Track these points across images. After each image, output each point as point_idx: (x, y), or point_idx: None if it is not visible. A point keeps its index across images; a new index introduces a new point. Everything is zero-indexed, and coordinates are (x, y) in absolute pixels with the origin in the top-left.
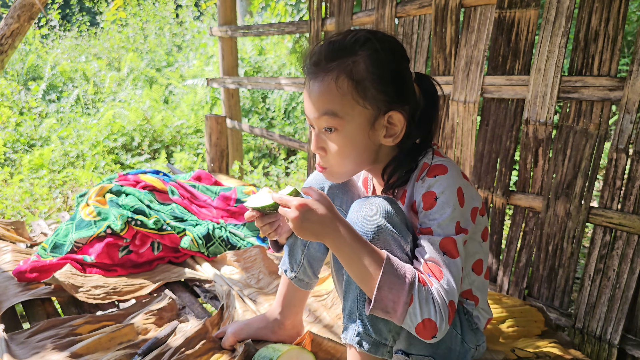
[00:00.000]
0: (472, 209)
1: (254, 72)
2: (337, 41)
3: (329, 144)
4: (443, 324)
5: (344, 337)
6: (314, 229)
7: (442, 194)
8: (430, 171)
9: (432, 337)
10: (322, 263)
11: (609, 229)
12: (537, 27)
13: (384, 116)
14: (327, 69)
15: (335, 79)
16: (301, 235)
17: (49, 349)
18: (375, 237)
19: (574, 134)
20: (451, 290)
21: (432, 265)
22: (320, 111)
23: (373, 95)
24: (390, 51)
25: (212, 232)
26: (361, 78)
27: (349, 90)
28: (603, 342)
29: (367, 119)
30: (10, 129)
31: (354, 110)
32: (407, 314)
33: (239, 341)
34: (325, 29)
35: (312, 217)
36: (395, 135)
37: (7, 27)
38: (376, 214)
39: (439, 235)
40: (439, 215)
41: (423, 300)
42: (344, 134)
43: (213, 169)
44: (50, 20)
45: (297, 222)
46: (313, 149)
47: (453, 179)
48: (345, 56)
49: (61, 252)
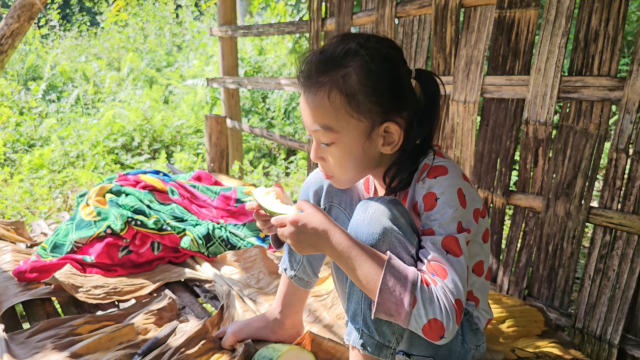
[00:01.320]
0: (474, 210)
1: (254, 72)
2: (328, 52)
3: (327, 155)
4: (450, 323)
5: (347, 338)
6: (311, 241)
7: (443, 195)
8: (431, 172)
9: (441, 338)
10: (322, 262)
11: (609, 229)
12: (537, 27)
13: (380, 127)
14: (318, 83)
15: (327, 94)
16: (299, 251)
17: (49, 349)
18: (381, 240)
19: (574, 134)
20: (457, 288)
21: (436, 265)
22: (315, 125)
23: (367, 108)
24: (383, 59)
25: (212, 232)
26: (353, 92)
27: (342, 104)
28: (603, 342)
29: (363, 131)
30: (10, 129)
31: (349, 124)
32: (412, 315)
33: (239, 341)
34: (325, 29)
35: (308, 230)
36: (393, 144)
37: (7, 27)
38: (382, 216)
39: (440, 234)
40: (439, 215)
41: (427, 300)
42: (341, 146)
43: (213, 169)
44: (50, 20)
45: (293, 238)
46: (313, 159)
47: (453, 179)
48: (336, 69)
49: (61, 252)
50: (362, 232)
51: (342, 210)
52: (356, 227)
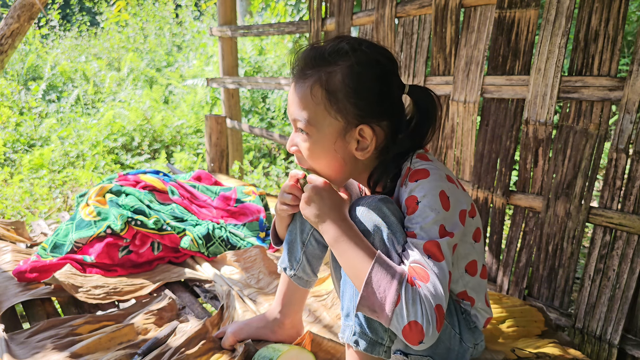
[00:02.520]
0: (460, 211)
1: (254, 72)
2: (320, 48)
3: (300, 144)
4: (430, 328)
5: (341, 336)
6: (322, 207)
7: (424, 198)
8: (412, 175)
9: (420, 343)
10: (321, 261)
11: (609, 229)
12: (537, 27)
13: (355, 129)
14: (305, 76)
15: (311, 87)
16: (306, 209)
17: (49, 349)
18: (371, 237)
19: (574, 134)
20: (438, 294)
21: (418, 268)
22: (295, 114)
23: (345, 108)
24: (371, 65)
25: (212, 232)
26: (335, 89)
27: (322, 99)
28: (603, 342)
29: (337, 130)
30: (10, 129)
31: (325, 120)
32: (394, 314)
33: (239, 341)
34: (325, 29)
35: (327, 196)
36: (365, 150)
37: (7, 27)
38: (372, 214)
39: (422, 238)
40: (421, 219)
41: (410, 300)
42: (313, 139)
43: (213, 169)
44: (50, 20)
45: (312, 194)
46: (288, 147)
47: (435, 182)
48: (323, 65)
49: (61, 252)
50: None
51: None
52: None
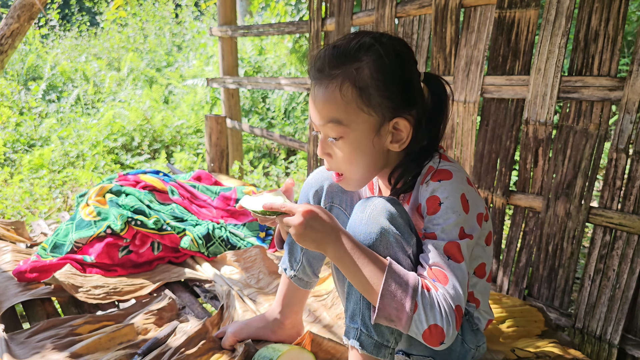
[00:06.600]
0: (478, 214)
1: (254, 72)
2: (341, 46)
3: (335, 150)
4: (450, 329)
5: (345, 338)
6: (316, 237)
7: (447, 199)
8: (435, 175)
9: (440, 344)
10: (322, 262)
11: (609, 229)
12: (537, 27)
13: (390, 122)
14: (331, 76)
15: (339, 87)
16: (302, 243)
17: (49, 349)
18: (378, 240)
19: (574, 134)
20: (457, 295)
21: (437, 271)
22: (325, 119)
23: (378, 102)
24: (395, 56)
25: (212, 232)
26: (365, 85)
27: (353, 97)
28: (603, 342)
29: (373, 126)
30: (10, 129)
31: (358, 118)
32: (413, 321)
33: (239, 341)
34: (325, 29)
35: (316, 224)
36: (401, 141)
37: (7, 27)
38: (380, 216)
39: (442, 239)
40: (442, 220)
41: (428, 306)
42: (349, 141)
43: (213, 169)
44: (50, 20)
45: (300, 229)
46: (319, 154)
47: (457, 184)
48: (349, 62)
49: (61, 252)
50: (360, 232)
51: (342, 211)
52: (354, 226)
